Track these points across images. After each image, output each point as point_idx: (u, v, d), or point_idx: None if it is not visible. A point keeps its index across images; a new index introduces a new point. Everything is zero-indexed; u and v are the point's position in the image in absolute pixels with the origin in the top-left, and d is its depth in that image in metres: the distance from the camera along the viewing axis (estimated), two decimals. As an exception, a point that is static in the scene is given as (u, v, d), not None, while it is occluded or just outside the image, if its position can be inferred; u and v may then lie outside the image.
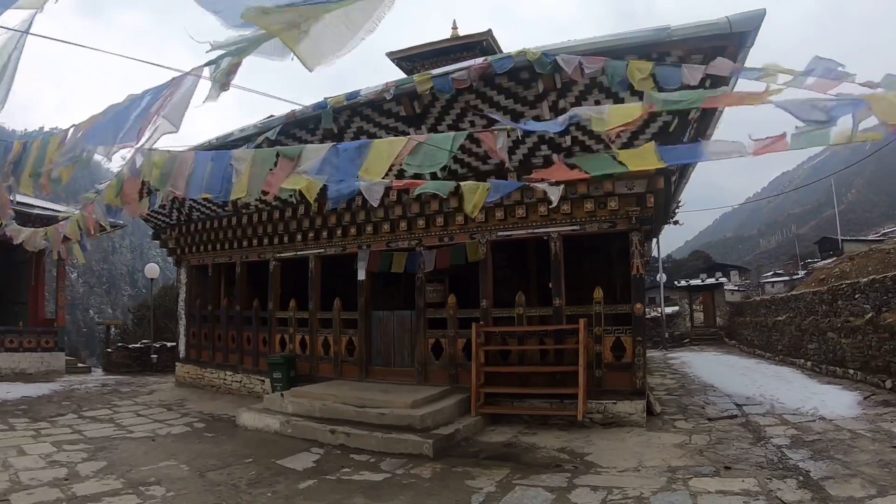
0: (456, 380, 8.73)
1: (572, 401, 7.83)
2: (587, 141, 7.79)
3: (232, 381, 11.63)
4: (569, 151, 7.97)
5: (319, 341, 10.12)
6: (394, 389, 8.44)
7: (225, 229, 11.51)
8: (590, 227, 8.44)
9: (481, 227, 8.86)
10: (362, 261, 9.52)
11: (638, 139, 7.43)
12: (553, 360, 8.35)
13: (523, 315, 8.52)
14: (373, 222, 9.48)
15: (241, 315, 11.45)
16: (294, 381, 9.92)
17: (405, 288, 12.86)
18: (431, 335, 9.01)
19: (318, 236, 10.18)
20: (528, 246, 11.35)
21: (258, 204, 10.64)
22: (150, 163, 5.96)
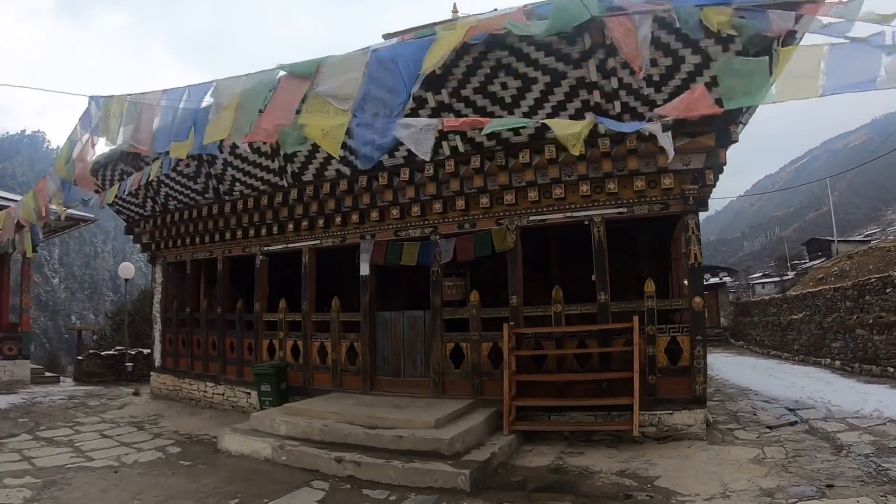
0: (480, 391, 7.28)
1: (621, 413, 6.63)
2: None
3: (213, 394, 10.02)
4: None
5: (315, 348, 8.59)
6: (407, 405, 6.95)
7: (205, 219, 9.92)
8: (639, 210, 7.11)
9: (510, 210, 7.43)
10: (365, 252, 8.02)
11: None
12: (597, 365, 6.97)
13: (561, 313, 7.11)
14: (379, 207, 7.98)
15: (222, 318, 9.85)
16: (285, 395, 8.38)
17: (408, 287, 11.43)
18: (450, 339, 7.55)
19: (314, 225, 8.65)
20: (549, 235, 9.95)
21: (243, 189, 9.10)
22: (108, 113, 4.49)
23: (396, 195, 7.75)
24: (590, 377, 6.84)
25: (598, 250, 7.19)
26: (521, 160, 7.02)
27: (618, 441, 6.60)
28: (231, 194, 9.30)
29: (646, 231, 10.30)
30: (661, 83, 6.25)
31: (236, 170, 8.93)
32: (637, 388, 6.27)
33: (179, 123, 3.99)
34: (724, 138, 6.55)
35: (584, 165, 7.00)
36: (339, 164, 7.93)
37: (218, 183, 9.33)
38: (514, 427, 6.63)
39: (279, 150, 8.25)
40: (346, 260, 11.20)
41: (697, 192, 6.90)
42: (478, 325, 7.34)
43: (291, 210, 8.67)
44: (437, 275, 7.63)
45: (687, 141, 6.56)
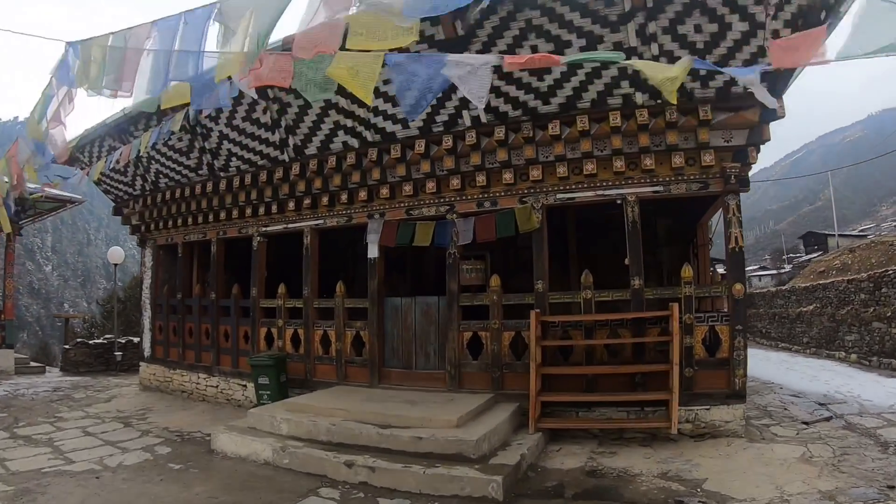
0: (500, 385, 6.58)
1: (656, 409, 6.09)
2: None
3: (206, 386, 9.25)
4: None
5: (317, 336, 7.83)
6: (421, 400, 6.23)
7: (198, 198, 9.11)
8: (676, 189, 6.45)
9: (535, 187, 6.69)
10: (374, 233, 7.26)
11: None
12: (630, 357, 6.31)
13: (591, 300, 6.41)
14: (389, 183, 7.21)
15: (216, 304, 9.07)
16: (285, 388, 7.64)
17: (413, 273, 10.70)
18: (467, 327, 6.82)
19: (317, 203, 7.87)
20: (566, 217, 9.23)
21: (240, 164, 8.30)
22: (88, 58, 3.71)
23: (409, 170, 6.98)
24: (622, 370, 6.19)
25: (631, 232, 6.52)
26: (550, 132, 6.31)
27: (651, 439, 6.05)
28: (227, 170, 8.50)
29: (666, 216, 9.66)
30: (706, 51, 5.69)
31: (233, 143, 8.13)
32: (676, 382, 5.69)
33: (176, 61, 3.21)
34: (768, 113, 5.93)
35: (619, 139, 6.32)
36: (346, 136, 7.16)
37: (212, 158, 8.53)
38: (541, 425, 5.96)
39: (280, 121, 7.48)
40: (352, 242, 10.54)
41: (739, 171, 6.29)
42: (499, 312, 6.62)
43: (293, 187, 7.88)
44: (455, 257, 6.88)
45: (729, 115, 6.01)
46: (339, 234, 11.04)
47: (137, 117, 8.61)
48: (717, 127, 6.15)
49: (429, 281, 10.60)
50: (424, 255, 10.87)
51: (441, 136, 6.63)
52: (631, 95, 6.16)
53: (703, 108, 6.00)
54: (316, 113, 7.18)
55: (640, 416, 6.16)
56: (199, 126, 8.28)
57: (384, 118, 6.83)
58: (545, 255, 6.60)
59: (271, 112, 7.45)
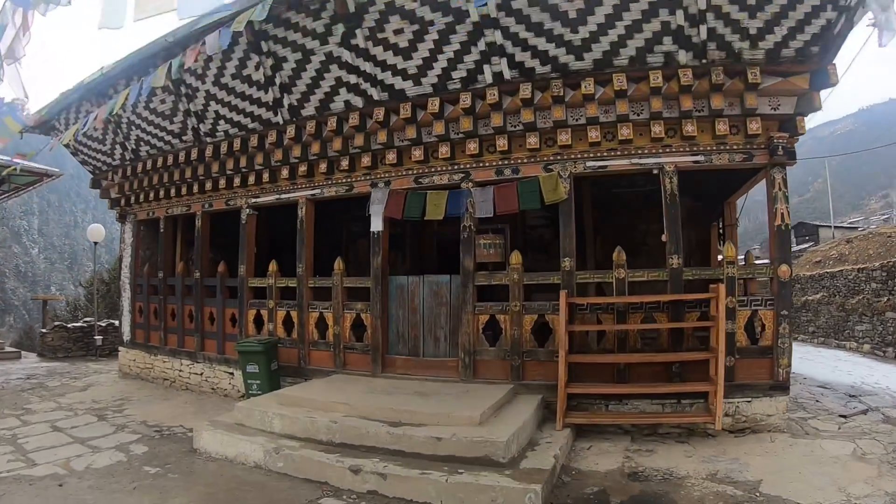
0: (520, 375, 5.80)
1: (693, 401, 5.47)
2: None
3: (190, 374, 8.38)
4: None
5: (312, 319, 6.98)
6: (433, 392, 5.43)
7: (182, 167, 8.17)
8: (718, 159, 5.75)
9: (563, 153, 5.87)
10: (378, 204, 6.39)
11: None
12: (667, 344, 5.60)
13: (625, 280, 5.64)
14: (397, 147, 6.32)
15: (201, 284, 8.16)
16: (276, 377, 6.81)
17: (413, 252, 9.87)
18: (483, 310, 6.00)
19: (313, 170, 6.97)
20: (581, 190, 8.40)
21: (228, 128, 7.37)
22: None
23: (420, 132, 6.10)
24: (660, 358, 5.46)
25: (670, 204, 5.78)
26: (583, 90, 5.52)
27: (688, 435, 5.44)
28: (213, 135, 7.57)
29: (686, 194, 8.89)
30: (758, 8, 5.08)
31: (221, 104, 7.20)
32: (721, 372, 5.02)
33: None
34: (820, 79, 5.39)
35: (659, 101, 5.58)
36: (349, 94, 6.26)
37: (198, 121, 7.59)
38: (570, 420, 5.21)
39: (274, 78, 6.57)
40: (347, 219, 9.69)
41: (787, 142, 5.59)
42: (519, 293, 5.81)
43: (286, 153, 6.97)
44: (470, 231, 6.05)
45: (777, 81, 5.39)
46: (335, 210, 10.21)
47: (116, 77, 7.67)
48: (763, 93, 5.50)
49: (431, 260, 9.80)
50: (424, 232, 10.05)
51: (458, 94, 5.78)
52: (673, 53, 5.46)
53: (751, 71, 5.33)
54: (315, 68, 6.27)
55: (677, 409, 5.52)
56: (184, 85, 7.33)
57: (393, 73, 5.94)
58: (573, 230, 5.79)
59: (264, 68, 6.52)
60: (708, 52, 5.41)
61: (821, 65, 5.34)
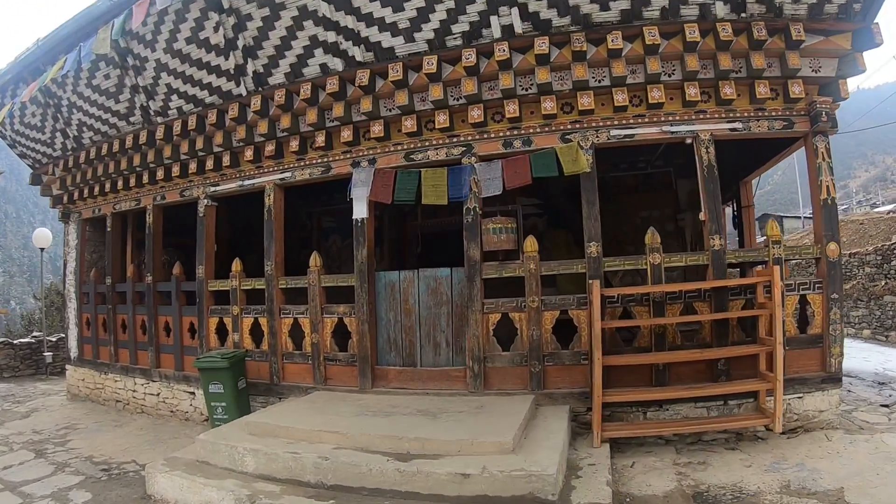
0: (540, 382, 4.68)
1: (742, 401, 4.63)
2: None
3: (145, 394, 6.98)
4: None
5: (285, 327, 5.71)
6: (441, 409, 4.25)
7: (129, 154, 6.81)
8: (756, 127, 4.86)
9: (582, 121, 4.83)
10: (361, 186, 5.21)
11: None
12: (710, 337, 4.68)
13: (660, 266, 4.62)
14: (384, 118, 5.15)
15: (153, 289, 6.79)
16: (245, 397, 5.54)
17: (393, 247, 8.73)
18: (493, 308, 4.85)
19: (282, 150, 5.73)
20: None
21: (182, 103, 6.08)
22: None
23: (412, 99, 4.95)
24: (707, 355, 4.48)
25: (708, 178, 4.83)
26: (610, 44, 4.53)
27: (735, 440, 4.62)
28: (165, 114, 6.26)
29: (688, 177, 8.05)
30: None
31: (173, 75, 5.91)
32: (780, 366, 4.17)
33: None
34: (863, 39, 4.64)
35: (694, 58, 4.67)
36: (326, 56, 5.07)
37: (147, 98, 6.27)
38: (608, 433, 4.15)
39: (236, 41, 5.35)
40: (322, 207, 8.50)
41: (830, 108, 4.80)
42: (537, 285, 4.70)
43: (250, 130, 5.72)
44: (475, 214, 4.92)
45: (819, 39, 4.67)
46: (303, 202, 8.97)
47: (55, 49, 6.36)
48: (804, 53, 4.73)
49: (413, 256, 8.66)
50: (406, 224, 8.91)
51: (459, 52, 4.67)
52: (710, 6, 4.57)
53: (794, 27, 4.53)
54: (286, 26, 5.07)
55: (724, 412, 4.61)
56: (131, 55, 6.03)
57: (380, 28, 4.79)
58: (597, 210, 4.72)
59: (225, 29, 5.29)
60: (747, 6, 4.59)
61: (864, 23, 4.58)
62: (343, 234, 9.12)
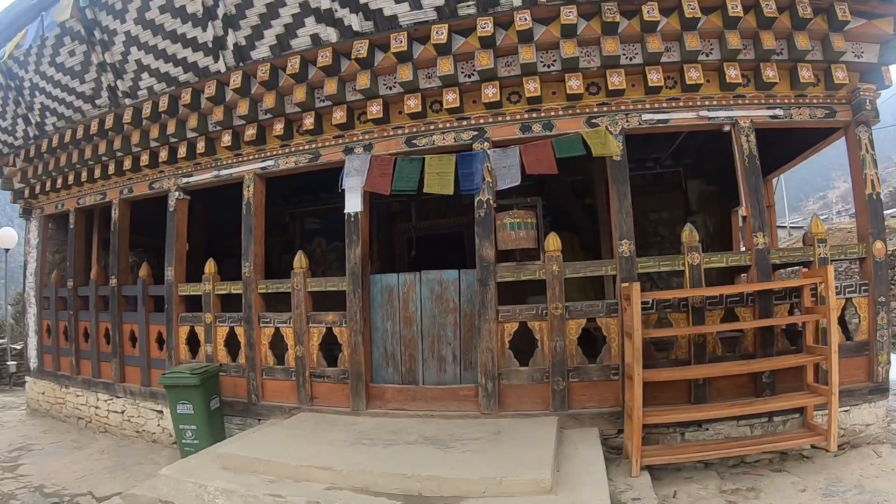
0: (564, 401, 3.90)
1: (787, 417, 3.96)
2: None
3: (108, 412, 6.02)
4: None
5: (264, 338, 4.82)
6: (452, 437, 3.42)
7: (95, 141, 5.91)
8: (797, 114, 4.26)
9: (610, 103, 4.11)
10: (355, 175, 4.39)
11: None
12: (752, 347, 4.01)
13: (700, 267, 3.90)
14: (382, 97, 4.34)
15: (118, 293, 5.85)
16: (218, 419, 4.66)
17: (383, 251, 7.93)
18: (511, 316, 4.06)
19: (264, 135, 4.88)
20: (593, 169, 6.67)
21: (154, 83, 5.20)
22: None
23: (417, 75, 4.17)
24: (754, 367, 3.78)
25: (749, 169, 4.16)
26: (645, 16, 3.84)
27: (780, 460, 3.97)
28: (135, 95, 5.37)
29: (699, 176, 7.43)
30: None
31: (145, 50, 5.05)
32: (835, 378, 3.56)
33: None
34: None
35: (736, 36, 4.01)
36: (318, 25, 4.26)
37: (115, 77, 5.39)
38: (648, 460, 3.40)
39: (215, 9, 4.52)
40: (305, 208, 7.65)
41: (874, 95, 4.23)
42: (560, 290, 3.93)
43: (229, 112, 4.86)
44: (488, 208, 4.12)
45: (861, 23, 4.17)
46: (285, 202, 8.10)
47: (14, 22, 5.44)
48: (847, 37, 4.14)
49: (403, 261, 7.83)
50: (395, 224, 8.07)
51: (474, 21, 3.92)
52: None
53: (839, 7, 4.00)
54: (273, -10, 4.28)
55: (769, 430, 3.93)
56: (98, 28, 5.16)
57: (382, -7, 4.04)
58: (629, 203, 3.99)
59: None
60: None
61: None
62: (329, 236, 8.25)
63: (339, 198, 4.56)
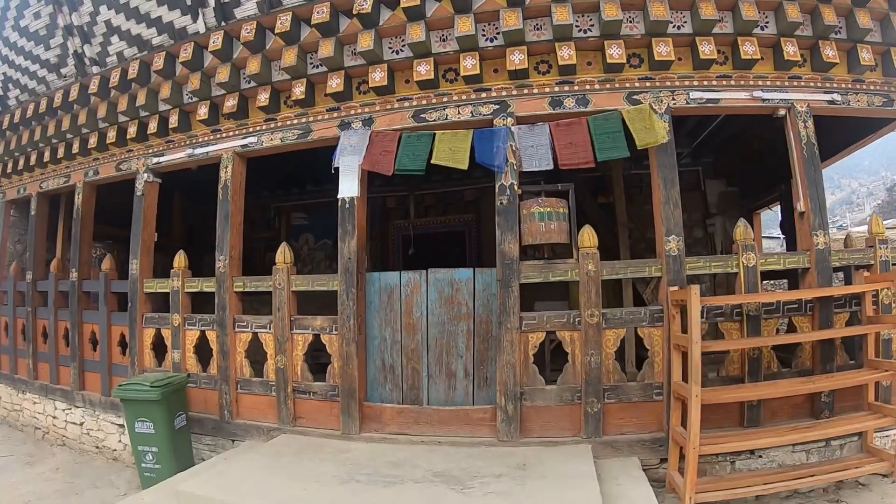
0: (598, 426, 3.13)
1: (845, 441, 3.30)
2: None
3: (66, 423, 5.08)
4: None
5: (240, 344, 3.96)
6: (468, 472, 2.62)
7: (59, 117, 5.01)
8: (855, 101, 3.61)
9: (653, 78, 3.38)
10: (351, 153, 3.57)
11: None
12: (810, 362, 3.32)
13: (756, 268, 3.18)
14: (388, 62, 3.52)
15: (79, 289, 4.95)
16: (184, 441, 3.80)
17: (380, 247, 7.13)
18: (536, 324, 3.25)
19: (246, 107, 4.02)
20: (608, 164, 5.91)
21: (124, 47, 4.34)
22: None
23: (430, 37, 3.39)
24: (815, 386, 3.08)
25: (808, 158, 3.43)
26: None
27: (835, 489, 3.28)
28: (103, 62, 4.50)
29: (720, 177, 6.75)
30: None
31: (115, 9, 4.21)
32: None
33: None
34: None
35: (795, 7, 3.34)
36: (313, -26, 3.47)
37: (83, 41, 4.52)
38: (704, 498, 2.62)
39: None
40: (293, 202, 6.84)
41: None
42: (597, 294, 3.15)
43: (207, 80, 4.03)
44: (511, 194, 3.32)
45: None
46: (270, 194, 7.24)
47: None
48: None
49: (398, 259, 7.03)
50: (390, 222, 7.25)
51: (497, -29, 3.17)
52: None
53: None
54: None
55: (827, 455, 3.25)
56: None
57: (391, -65, 3.25)
58: (677, 193, 3.24)
59: None
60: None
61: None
62: (317, 233, 7.39)
63: (329, 191, 3.78)
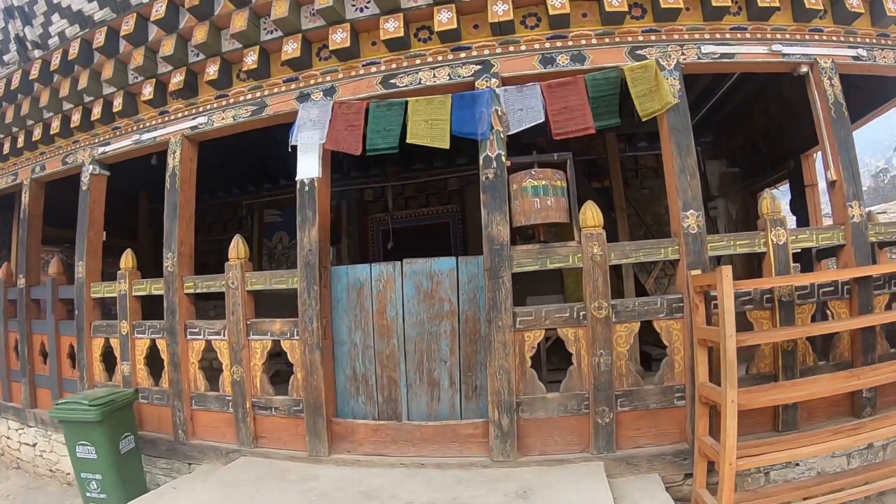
0: (611, 439, 2.52)
1: (887, 441, 2.74)
2: None
3: (20, 443, 4.46)
4: None
5: (193, 354, 3.33)
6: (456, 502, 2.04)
7: (2, 109, 4.39)
8: (881, 57, 3.04)
9: (659, 31, 2.78)
10: (310, 128, 2.96)
11: None
12: (848, 352, 2.69)
13: (786, 246, 2.57)
14: (350, 21, 2.90)
15: (26, 296, 4.30)
16: (134, 466, 3.19)
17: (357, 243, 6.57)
18: (533, 321, 2.65)
19: (195, 83, 3.40)
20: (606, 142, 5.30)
21: (66, 24, 3.74)
22: None
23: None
24: (861, 382, 2.45)
25: (836, 119, 2.86)
26: None
27: (878, 496, 2.72)
28: (45, 45, 3.89)
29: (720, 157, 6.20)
30: None
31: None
32: None
33: None
34: None
35: None
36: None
37: (24, 23, 3.92)
38: None
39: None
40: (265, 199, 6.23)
41: None
42: (604, 283, 2.56)
43: (151, 56, 3.41)
44: (498, 166, 2.72)
45: None
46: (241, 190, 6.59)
47: None
48: None
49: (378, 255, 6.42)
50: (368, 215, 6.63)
51: None
52: None
53: None
54: None
55: (868, 458, 2.70)
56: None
57: None
58: (694, 161, 2.66)
59: None
60: None
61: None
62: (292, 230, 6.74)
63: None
